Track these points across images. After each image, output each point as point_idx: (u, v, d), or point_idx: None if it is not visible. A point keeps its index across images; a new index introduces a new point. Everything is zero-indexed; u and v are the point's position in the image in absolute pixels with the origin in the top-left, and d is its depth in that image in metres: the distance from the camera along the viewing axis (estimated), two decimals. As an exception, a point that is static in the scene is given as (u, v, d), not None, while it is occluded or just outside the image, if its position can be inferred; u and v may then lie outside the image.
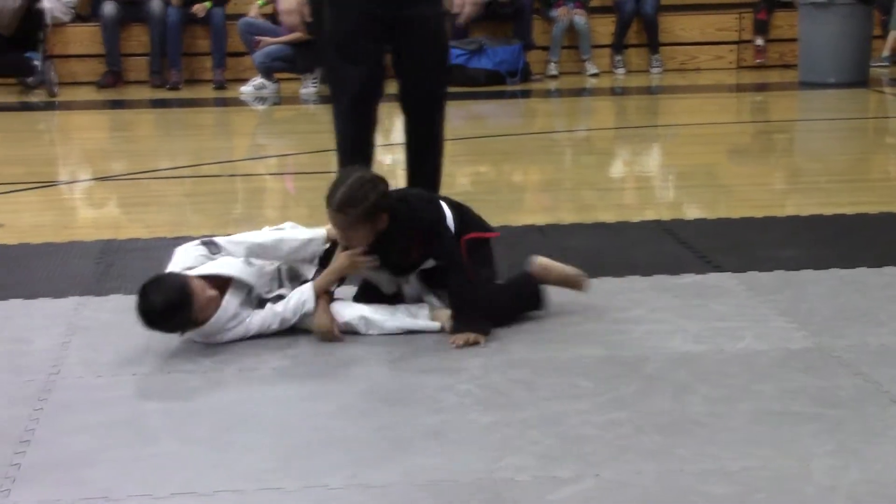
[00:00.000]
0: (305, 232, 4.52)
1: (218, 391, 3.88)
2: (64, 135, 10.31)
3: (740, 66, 13.17)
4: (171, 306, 4.12)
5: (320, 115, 10.67)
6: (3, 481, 3.23)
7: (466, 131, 9.83)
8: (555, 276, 4.64)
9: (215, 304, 4.21)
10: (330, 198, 4.22)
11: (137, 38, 12.10)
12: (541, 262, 4.66)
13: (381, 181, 4.28)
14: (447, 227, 4.38)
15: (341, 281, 4.45)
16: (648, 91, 12.10)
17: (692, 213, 6.44)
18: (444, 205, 4.47)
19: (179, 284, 4.16)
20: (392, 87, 5.22)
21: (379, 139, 5.43)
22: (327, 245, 4.47)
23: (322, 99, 11.11)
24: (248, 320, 4.30)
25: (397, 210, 4.28)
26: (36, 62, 11.35)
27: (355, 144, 5.25)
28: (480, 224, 4.57)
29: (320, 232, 4.49)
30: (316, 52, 11.31)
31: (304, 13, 5.18)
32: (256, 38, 11.43)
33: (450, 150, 8.67)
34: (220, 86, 11.72)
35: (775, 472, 3.22)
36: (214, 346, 4.25)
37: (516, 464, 3.30)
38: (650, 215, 6.34)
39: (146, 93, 11.65)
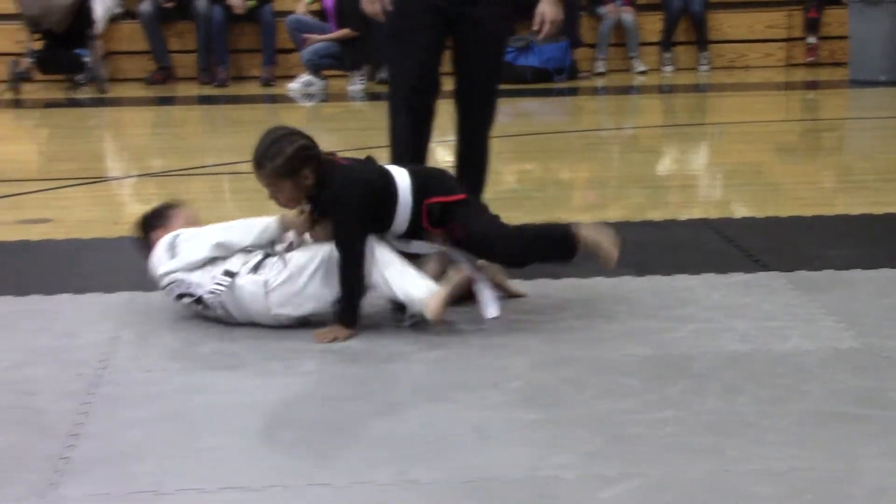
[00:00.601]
0: (257, 222, 4.51)
1: (265, 387, 3.89)
2: (113, 131, 10.38)
3: (790, 63, 13.08)
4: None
5: (367, 112, 10.70)
6: (53, 475, 3.25)
7: (513, 129, 9.82)
8: (591, 239, 4.53)
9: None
10: (253, 156, 4.31)
11: (185, 36, 12.17)
12: (585, 224, 4.63)
13: (299, 136, 4.29)
14: (351, 212, 4.31)
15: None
16: (696, 89, 12.04)
17: (740, 211, 6.41)
18: (399, 173, 4.43)
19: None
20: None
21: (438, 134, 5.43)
22: (282, 230, 4.47)
23: (369, 96, 11.14)
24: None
25: (325, 172, 4.29)
26: (86, 59, 11.43)
27: (407, 137, 5.23)
28: (445, 189, 4.49)
29: (271, 220, 4.49)
30: (364, 48, 11.33)
31: (385, 2, 5.15)
32: (304, 35, 11.46)
33: (496, 147, 8.67)
34: (268, 82, 11.77)
35: (823, 474, 3.19)
36: (261, 342, 4.26)
37: (562, 462, 3.29)
38: (697, 214, 6.31)
39: (194, 89, 11.72)
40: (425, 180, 4.46)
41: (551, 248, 4.54)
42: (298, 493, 3.15)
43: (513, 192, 7.10)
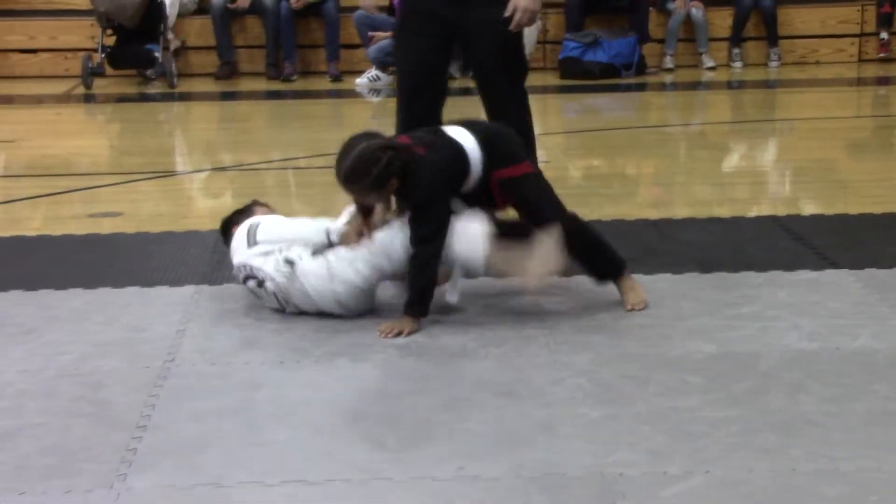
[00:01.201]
0: (319, 224, 4.60)
1: (329, 381, 3.91)
2: (182, 125, 10.46)
3: (862, 59, 12.92)
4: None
5: (434, 107, 10.70)
6: (120, 466, 3.29)
7: (580, 124, 9.80)
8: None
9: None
10: (338, 170, 4.30)
11: (252, 31, 12.25)
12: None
13: (385, 151, 4.27)
14: (438, 201, 4.33)
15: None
16: (766, 85, 11.93)
17: (809, 208, 6.34)
18: (470, 144, 4.41)
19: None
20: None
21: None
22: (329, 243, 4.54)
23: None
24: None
25: (408, 169, 4.29)
26: (156, 54, 11.54)
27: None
28: (511, 157, 4.49)
29: (325, 226, 4.57)
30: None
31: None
32: (370, 33, 11.49)
33: (562, 142, 8.67)
34: (336, 78, 11.81)
35: (891, 474, 3.16)
36: (326, 337, 4.29)
37: (626, 459, 3.28)
38: (765, 210, 6.26)
39: (261, 84, 11.78)
40: (492, 148, 4.45)
41: (594, 256, 4.62)
42: (360, 487, 3.16)
43: (579, 188, 7.08)
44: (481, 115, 5.39)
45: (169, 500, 3.12)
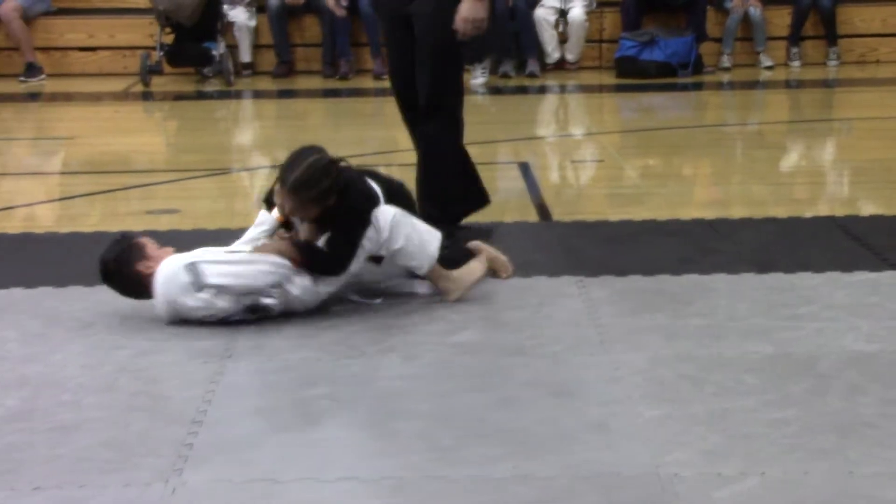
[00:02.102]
0: (258, 233, 4.61)
1: (382, 379, 3.92)
2: (238, 123, 10.52)
3: (922, 58, 12.77)
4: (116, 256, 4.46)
5: (488, 105, 10.70)
6: (177, 460, 3.32)
7: (636, 123, 9.76)
8: (486, 256, 4.84)
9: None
10: (283, 177, 4.37)
11: (309, 30, 12.29)
12: (475, 243, 4.92)
13: (335, 166, 4.39)
14: (360, 229, 4.46)
15: None
16: (825, 84, 11.82)
17: (867, 209, 6.28)
18: (375, 186, 4.59)
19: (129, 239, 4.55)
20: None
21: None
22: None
23: (491, 90, 11.14)
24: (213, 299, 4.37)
25: (342, 195, 4.42)
26: (214, 52, 11.61)
27: (411, 134, 5.46)
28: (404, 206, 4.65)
29: (267, 225, 4.60)
30: (483, 41, 11.32)
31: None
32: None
33: (618, 141, 8.65)
34: (380, 76, 11.83)
35: (950, 478, 3.12)
36: (380, 334, 4.30)
37: (681, 459, 3.27)
38: (823, 211, 6.20)
39: (317, 82, 11.82)
40: (389, 195, 4.60)
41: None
42: (414, 485, 3.17)
43: (635, 187, 7.05)
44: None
45: (223, 495, 3.14)
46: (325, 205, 4.42)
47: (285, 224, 4.59)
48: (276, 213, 4.59)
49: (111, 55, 12.35)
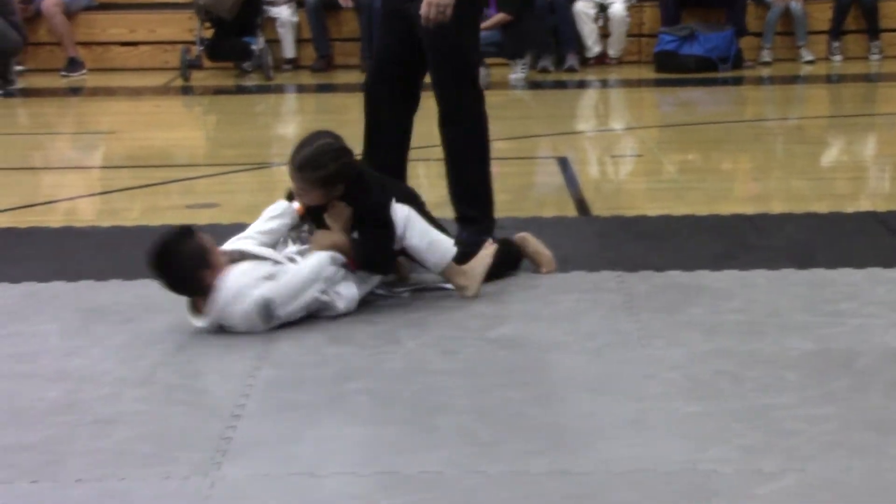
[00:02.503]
0: (274, 222, 4.58)
1: (421, 374, 3.92)
2: (277, 117, 10.55)
3: (965, 52, 12.66)
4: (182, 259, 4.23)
5: (528, 100, 10.69)
6: (215, 454, 3.33)
7: (675, 118, 9.72)
8: (531, 249, 4.89)
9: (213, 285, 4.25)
10: (293, 155, 4.38)
11: (347, 24, 12.31)
12: (522, 235, 4.94)
13: (344, 152, 4.40)
14: (391, 215, 4.48)
15: None
16: (866, 79, 11.74)
17: (909, 204, 6.23)
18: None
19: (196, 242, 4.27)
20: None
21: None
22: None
23: (530, 84, 11.12)
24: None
25: (354, 185, 4.43)
26: (253, 47, 11.65)
27: (367, 129, 5.42)
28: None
29: (287, 218, 4.58)
30: (523, 36, 11.31)
31: None
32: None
33: (657, 136, 8.62)
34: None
35: None
36: (419, 330, 4.30)
37: (719, 456, 3.25)
38: (864, 206, 6.16)
39: (356, 77, 11.83)
40: (401, 198, 4.60)
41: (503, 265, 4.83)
42: (452, 479, 3.17)
43: (674, 182, 7.03)
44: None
45: (262, 489, 3.15)
46: (330, 190, 4.42)
47: (305, 215, 4.57)
48: (296, 204, 4.57)
49: (152, 50, 12.43)
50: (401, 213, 4.49)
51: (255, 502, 3.09)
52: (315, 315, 4.39)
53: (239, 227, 5.77)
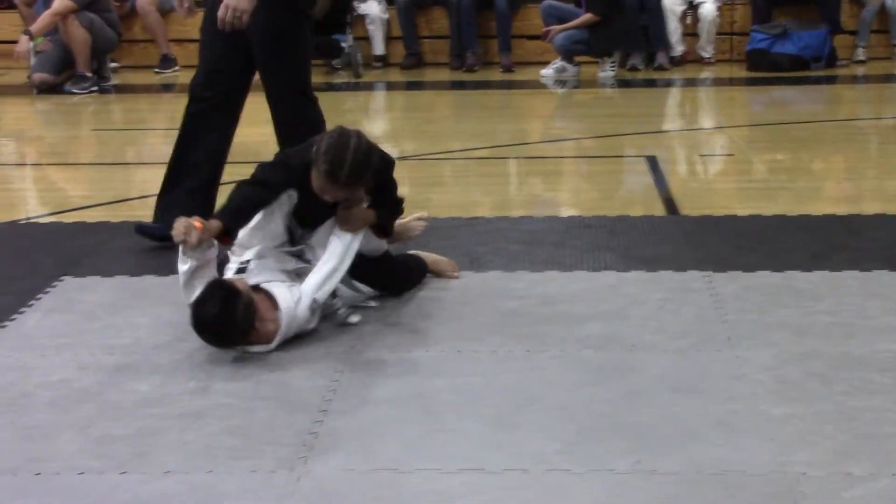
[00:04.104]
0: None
1: (506, 371, 3.92)
2: (366, 115, 10.60)
3: None
4: (230, 324, 4.02)
5: (617, 98, 10.64)
6: (301, 449, 3.36)
7: (767, 117, 9.62)
8: (430, 261, 4.87)
9: (274, 327, 4.12)
10: (332, 174, 4.15)
11: (437, 22, 12.33)
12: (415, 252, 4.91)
13: (363, 139, 4.27)
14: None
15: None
16: (963, 77, 11.53)
17: None
18: None
19: (243, 303, 4.03)
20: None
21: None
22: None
23: (620, 83, 11.07)
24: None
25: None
26: (343, 44, 11.72)
27: (183, 129, 5.39)
28: None
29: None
30: (611, 35, 11.25)
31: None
32: (544, 28, 11.46)
33: (748, 135, 8.53)
34: (508, 69, 11.82)
35: None
36: (502, 326, 4.30)
37: (809, 458, 3.22)
38: (961, 207, 6.06)
39: (445, 74, 11.86)
40: None
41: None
42: (537, 477, 3.17)
43: (764, 182, 6.96)
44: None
45: (348, 484, 3.17)
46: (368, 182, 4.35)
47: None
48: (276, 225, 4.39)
49: (243, 47, 12.51)
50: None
51: (339, 497, 3.11)
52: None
53: (327, 224, 5.84)
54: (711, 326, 4.26)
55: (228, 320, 3.99)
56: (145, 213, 5.95)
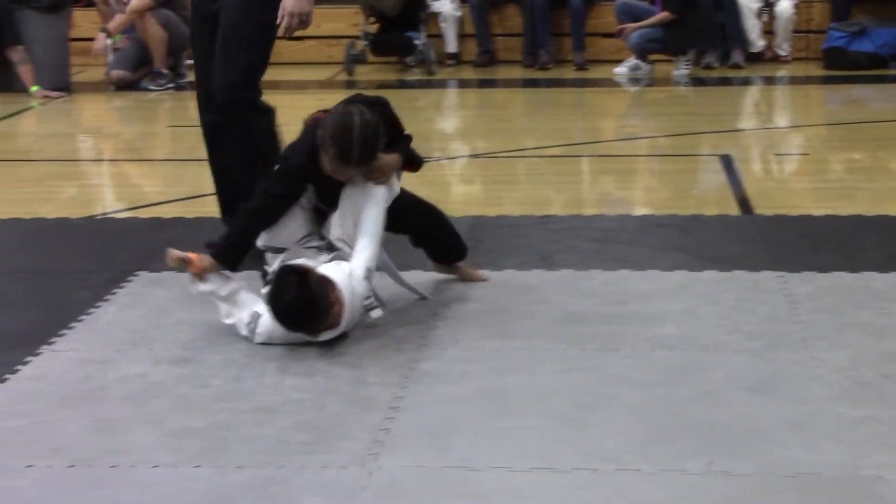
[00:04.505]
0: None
1: (578, 369, 3.91)
2: (439, 112, 10.61)
3: None
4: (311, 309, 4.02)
5: (691, 97, 10.56)
6: (373, 445, 3.37)
7: (843, 116, 9.51)
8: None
9: (339, 306, 4.07)
10: (346, 157, 4.13)
11: (510, 20, 12.32)
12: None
13: (369, 114, 4.20)
14: None
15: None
16: None
17: None
18: None
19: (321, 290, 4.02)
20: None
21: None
22: None
23: (694, 81, 10.99)
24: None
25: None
26: (417, 41, 11.74)
27: (210, 156, 5.18)
28: None
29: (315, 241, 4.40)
30: (685, 33, 11.18)
31: None
32: (619, 26, 11.40)
33: (824, 134, 8.43)
34: (581, 67, 11.77)
35: None
36: (575, 325, 4.29)
37: (886, 461, 3.18)
38: None
39: (518, 72, 11.84)
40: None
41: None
42: (607, 477, 3.15)
43: (840, 181, 6.88)
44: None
45: (419, 481, 3.17)
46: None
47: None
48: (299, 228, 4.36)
49: (317, 44, 12.58)
50: None
51: (410, 494, 3.12)
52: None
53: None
54: (786, 327, 4.22)
55: (309, 299, 3.98)
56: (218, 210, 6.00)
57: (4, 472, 3.27)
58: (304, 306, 4.01)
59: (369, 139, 4.18)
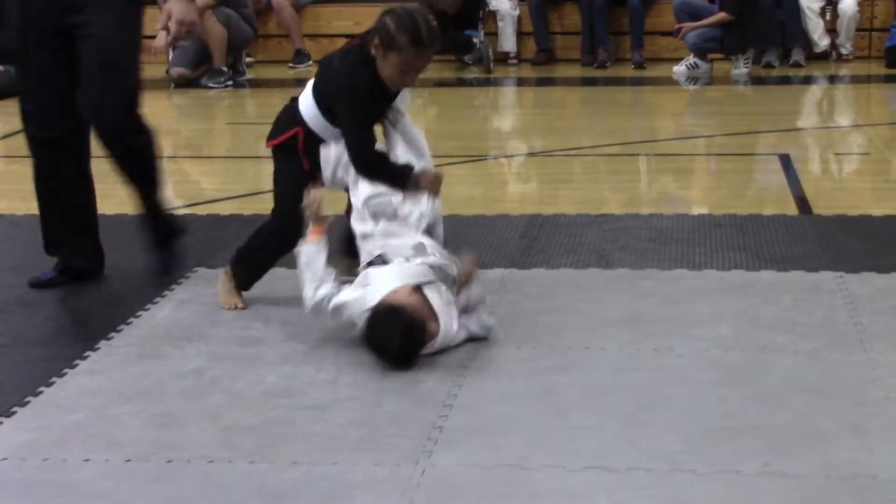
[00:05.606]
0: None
1: (633, 369, 3.90)
2: (496, 110, 10.61)
3: None
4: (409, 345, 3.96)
5: (750, 96, 10.49)
6: (427, 443, 3.37)
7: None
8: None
9: (434, 327, 4.02)
10: (420, 40, 4.20)
11: (569, 18, 12.29)
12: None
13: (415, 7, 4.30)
14: None
15: None
16: None
17: None
18: None
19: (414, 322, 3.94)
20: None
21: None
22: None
23: (753, 80, 10.92)
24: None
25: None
26: (475, 40, 11.75)
27: (42, 177, 4.85)
28: None
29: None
30: (744, 33, 11.10)
31: None
32: (677, 25, 11.34)
33: (886, 134, 8.34)
34: (639, 65, 11.72)
35: None
36: (630, 324, 4.27)
37: (942, 466, 3.14)
38: None
39: (576, 70, 11.81)
40: None
41: None
42: (661, 477, 3.14)
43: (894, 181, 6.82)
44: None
45: (472, 479, 3.17)
46: None
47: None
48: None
49: (374, 43, 12.61)
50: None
51: (463, 492, 3.12)
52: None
53: (455, 219, 5.86)
54: (844, 328, 4.19)
55: (413, 347, 3.94)
56: (266, 207, 6.03)
57: (63, 465, 3.31)
58: (406, 354, 3.94)
59: (428, 18, 4.30)
